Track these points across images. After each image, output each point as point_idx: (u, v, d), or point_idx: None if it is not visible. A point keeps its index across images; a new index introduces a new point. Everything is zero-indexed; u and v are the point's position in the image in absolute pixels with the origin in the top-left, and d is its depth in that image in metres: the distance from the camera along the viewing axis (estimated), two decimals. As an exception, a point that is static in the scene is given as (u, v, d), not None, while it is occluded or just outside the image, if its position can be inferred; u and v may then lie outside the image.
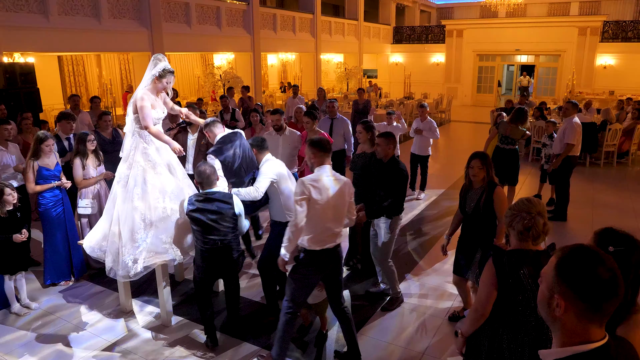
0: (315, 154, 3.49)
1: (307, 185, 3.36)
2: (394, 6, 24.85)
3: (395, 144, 4.49)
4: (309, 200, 3.35)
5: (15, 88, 8.39)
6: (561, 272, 1.36)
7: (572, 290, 1.33)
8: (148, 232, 4.18)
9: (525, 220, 2.41)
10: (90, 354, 3.97)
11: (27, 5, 9.32)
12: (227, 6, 14.48)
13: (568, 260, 1.36)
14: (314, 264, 3.47)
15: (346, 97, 18.17)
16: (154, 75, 4.15)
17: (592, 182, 9.32)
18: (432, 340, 4.12)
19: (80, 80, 15.15)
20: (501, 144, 6.76)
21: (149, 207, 4.21)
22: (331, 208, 3.42)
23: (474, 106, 22.49)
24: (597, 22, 20.12)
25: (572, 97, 17.20)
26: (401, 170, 4.38)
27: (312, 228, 3.41)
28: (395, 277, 4.68)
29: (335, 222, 3.48)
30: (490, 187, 3.84)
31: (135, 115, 4.18)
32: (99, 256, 4.33)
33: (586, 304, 1.32)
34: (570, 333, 1.37)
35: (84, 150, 5.18)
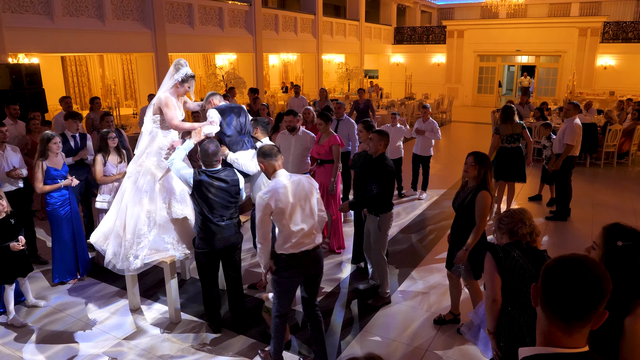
0: (263, 162, 3.50)
1: (265, 198, 3.34)
2: (395, 7, 24.92)
3: (387, 143, 4.57)
4: (272, 212, 3.36)
5: (21, 89, 8.47)
6: (545, 269, 1.41)
7: (542, 283, 1.40)
8: (152, 231, 4.27)
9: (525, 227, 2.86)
10: (100, 350, 4.05)
11: (32, 6, 9.40)
12: (230, 7, 14.55)
13: (556, 260, 1.41)
14: (295, 267, 3.47)
15: (347, 97, 18.23)
16: (176, 80, 4.25)
17: (593, 183, 9.39)
18: (435, 338, 4.19)
19: (83, 80, 15.22)
20: (507, 144, 6.84)
21: (156, 208, 4.30)
22: (297, 210, 3.42)
23: (474, 106, 22.56)
24: (597, 22, 20.17)
25: (572, 97, 17.28)
26: (386, 165, 4.44)
27: (286, 235, 3.41)
28: (387, 275, 4.75)
29: (305, 222, 3.47)
30: (477, 188, 3.84)
31: (156, 116, 4.30)
32: (103, 249, 4.40)
33: (545, 300, 1.38)
34: (539, 330, 1.44)
35: (105, 147, 5.34)
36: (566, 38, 20.49)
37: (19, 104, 7.20)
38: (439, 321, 4.39)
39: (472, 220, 3.87)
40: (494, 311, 2.78)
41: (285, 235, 3.42)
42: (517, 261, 2.74)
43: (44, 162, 4.94)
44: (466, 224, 3.93)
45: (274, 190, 3.37)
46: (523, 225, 2.85)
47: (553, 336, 1.39)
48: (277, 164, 3.52)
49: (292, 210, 3.39)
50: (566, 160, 6.92)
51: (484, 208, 3.80)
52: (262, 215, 3.36)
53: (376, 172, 4.46)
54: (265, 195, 3.36)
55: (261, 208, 3.35)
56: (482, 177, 3.85)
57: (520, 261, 2.74)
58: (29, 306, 4.72)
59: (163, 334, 4.29)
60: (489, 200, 3.82)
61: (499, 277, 2.76)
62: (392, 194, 4.61)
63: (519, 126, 6.79)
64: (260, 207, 3.36)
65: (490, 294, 2.77)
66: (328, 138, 5.91)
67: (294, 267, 3.47)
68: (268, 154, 3.50)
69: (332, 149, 5.85)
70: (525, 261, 2.74)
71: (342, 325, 4.40)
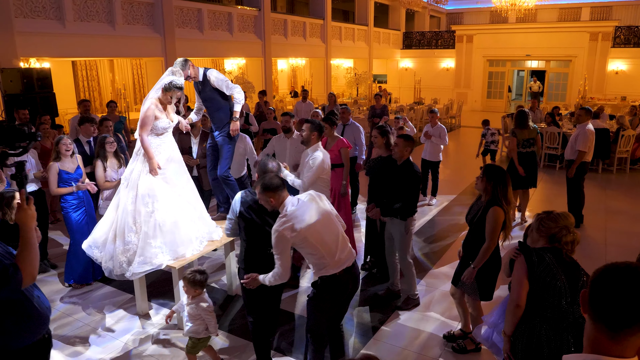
0: (273, 196, 3.13)
1: (285, 233, 3.02)
2: (404, 12, 24.90)
3: (412, 149, 4.57)
4: (295, 245, 3.09)
5: (33, 93, 8.53)
6: (594, 275, 1.37)
7: (590, 290, 1.36)
8: (139, 236, 4.22)
9: (570, 234, 2.72)
10: (107, 355, 4.03)
11: (44, 11, 9.48)
12: (239, 12, 14.61)
13: (606, 268, 1.37)
14: (337, 287, 3.18)
15: (356, 102, 18.22)
16: (161, 87, 4.25)
17: (605, 189, 9.27)
18: (446, 347, 4.13)
19: (93, 85, 15.32)
20: (523, 148, 6.79)
21: (139, 211, 4.25)
22: (321, 230, 3.12)
23: (484, 111, 22.41)
24: (608, 27, 20.02)
25: (583, 102, 17.12)
26: (415, 172, 4.46)
27: (320, 257, 3.12)
28: (414, 277, 4.76)
29: (332, 239, 3.17)
30: (488, 204, 3.66)
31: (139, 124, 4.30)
32: (94, 255, 4.40)
33: (592, 308, 1.35)
34: (586, 337, 1.40)
35: (103, 153, 5.33)
36: (577, 43, 20.34)
37: (29, 108, 7.25)
38: (449, 338, 4.18)
39: (483, 236, 3.69)
40: (515, 316, 2.69)
41: (319, 258, 3.11)
42: (550, 269, 2.63)
43: (57, 164, 4.97)
44: (478, 240, 3.74)
45: (289, 217, 3.06)
46: (567, 233, 2.71)
47: (600, 344, 1.35)
48: (285, 193, 3.20)
49: (314, 231, 3.08)
50: (579, 167, 6.83)
51: (494, 225, 3.60)
52: (282, 249, 3.06)
53: (405, 180, 4.46)
54: (280, 227, 3.04)
55: (279, 242, 3.05)
56: (493, 192, 3.63)
57: (553, 269, 2.63)
58: None
59: (171, 339, 4.26)
60: (500, 217, 3.59)
61: (528, 283, 2.65)
62: (418, 197, 4.64)
63: (534, 131, 6.81)
64: (279, 243, 3.05)
65: (516, 298, 2.67)
66: (335, 142, 5.88)
67: (335, 288, 3.18)
68: (277, 186, 3.14)
69: (342, 152, 5.82)
70: (558, 270, 2.62)
71: (353, 331, 4.35)
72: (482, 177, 3.69)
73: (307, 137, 4.78)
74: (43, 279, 5.28)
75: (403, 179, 4.48)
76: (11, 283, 2.15)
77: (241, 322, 4.50)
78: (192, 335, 3.66)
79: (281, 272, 3.12)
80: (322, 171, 4.66)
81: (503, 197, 3.61)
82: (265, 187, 3.14)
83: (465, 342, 4.07)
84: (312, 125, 4.74)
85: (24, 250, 2.27)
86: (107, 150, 5.33)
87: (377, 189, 4.95)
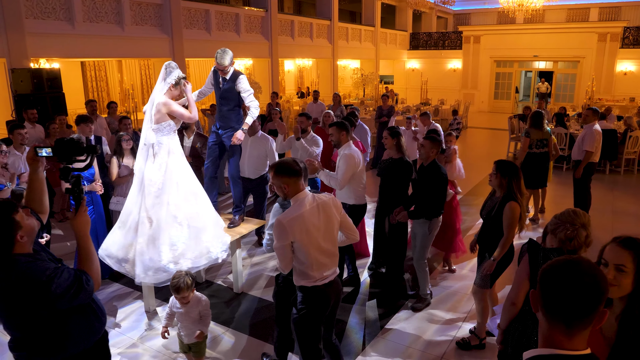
0: (288, 182, 2.88)
1: (287, 226, 2.80)
2: (411, 12, 24.89)
3: (439, 150, 4.62)
4: (294, 243, 2.88)
5: (42, 93, 8.64)
6: (542, 272, 1.44)
7: (540, 287, 1.42)
8: (186, 232, 4.29)
9: (568, 231, 2.48)
10: (115, 351, 4.07)
11: (54, 12, 9.59)
12: (246, 13, 14.69)
13: (551, 264, 1.43)
14: (320, 300, 3.03)
15: (362, 103, 18.23)
16: (169, 83, 4.26)
17: (612, 190, 9.23)
18: (450, 345, 4.14)
19: (102, 85, 15.47)
20: (537, 148, 6.81)
21: (179, 207, 4.28)
22: (322, 239, 2.94)
23: (491, 112, 22.38)
24: (617, 27, 19.91)
25: (591, 103, 17.04)
26: (441, 173, 4.51)
27: (307, 267, 2.94)
28: (428, 278, 4.78)
29: (328, 252, 3.00)
30: (504, 199, 3.75)
31: (159, 125, 4.22)
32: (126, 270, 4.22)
33: (545, 305, 1.40)
34: (541, 334, 1.45)
35: (120, 150, 5.46)
36: (585, 43, 20.25)
37: (38, 108, 7.35)
38: (464, 345, 4.09)
39: (500, 230, 3.79)
40: (510, 313, 2.67)
41: (306, 267, 2.94)
42: None
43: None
44: (495, 234, 3.84)
45: (299, 216, 2.85)
46: (566, 230, 2.50)
47: (555, 339, 1.41)
48: (302, 184, 2.95)
49: (317, 240, 2.91)
50: (586, 167, 6.82)
51: (512, 219, 3.70)
52: (283, 243, 2.85)
53: (431, 178, 4.51)
54: (286, 220, 2.82)
55: (282, 235, 2.83)
56: (508, 187, 3.73)
57: None
58: None
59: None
60: (517, 211, 3.69)
61: (528, 284, 2.57)
62: (445, 198, 4.72)
63: (548, 133, 6.85)
64: (281, 234, 2.83)
65: (513, 297, 2.64)
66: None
67: (317, 301, 3.02)
68: (294, 171, 2.89)
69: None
70: None
71: (358, 329, 4.38)
72: (496, 173, 3.77)
73: (337, 138, 4.80)
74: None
75: (429, 179, 4.52)
76: (87, 291, 2.19)
77: (246, 320, 4.54)
78: (195, 340, 3.60)
79: (280, 266, 3.02)
80: (355, 167, 4.68)
81: (518, 191, 3.72)
82: (280, 168, 2.89)
83: (469, 337, 4.12)
84: (337, 127, 4.79)
85: (87, 258, 2.31)
86: (123, 147, 5.47)
87: (388, 191, 4.98)
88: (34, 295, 2.07)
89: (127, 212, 4.35)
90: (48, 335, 2.22)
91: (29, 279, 2.07)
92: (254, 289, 5.19)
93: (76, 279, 2.16)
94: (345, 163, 4.65)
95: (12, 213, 2.12)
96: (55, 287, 2.07)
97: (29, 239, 2.19)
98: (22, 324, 2.18)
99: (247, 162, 5.94)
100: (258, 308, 4.78)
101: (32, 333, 2.19)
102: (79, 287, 2.15)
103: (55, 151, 2.36)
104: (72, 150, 2.39)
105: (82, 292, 2.17)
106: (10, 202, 2.18)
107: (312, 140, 5.94)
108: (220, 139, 5.08)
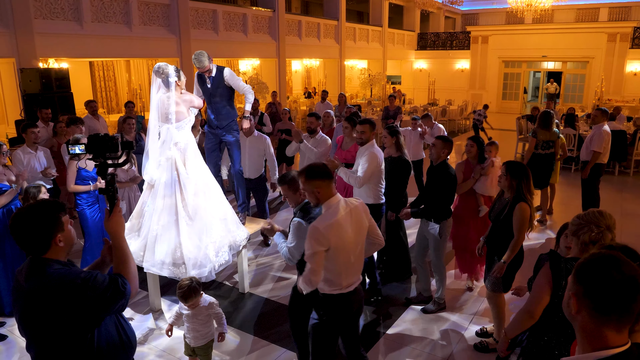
0: (320, 185, 2.79)
1: (325, 233, 2.69)
2: (419, 12, 24.82)
3: (450, 151, 4.57)
4: (328, 249, 2.74)
5: (51, 92, 8.69)
6: (578, 272, 1.40)
7: (583, 288, 1.37)
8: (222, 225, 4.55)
9: (593, 233, 2.34)
10: (121, 350, 4.09)
11: (62, 13, 9.66)
12: (254, 13, 14.71)
13: (587, 261, 1.40)
14: (343, 308, 2.94)
15: (370, 103, 18.21)
16: (174, 81, 4.28)
17: (621, 192, 9.14)
18: (456, 347, 4.12)
19: (110, 85, 15.56)
20: (542, 150, 6.78)
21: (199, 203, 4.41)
22: (353, 246, 2.86)
23: (499, 113, 22.23)
24: (627, 28, 19.73)
25: (601, 104, 16.89)
26: (450, 174, 4.44)
27: (336, 275, 2.85)
28: (445, 281, 4.70)
29: (358, 259, 2.94)
30: (514, 200, 3.69)
31: (180, 123, 4.28)
32: (176, 273, 4.20)
33: (593, 302, 1.35)
34: (587, 336, 1.40)
35: None
36: (594, 44, 20.08)
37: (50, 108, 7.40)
38: (482, 348, 4.04)
39: (510, 232, 3.71)
40: (524, 325, 2.51)
41: (335, 275, 2.85)
42: None
43: (76, 162, 5.07)
44: (504, 236, 3.76)
45: (335, 222, 2.74)
46: (591, 232, 2.35)
47: (607, 337, 1.37)
48: (334, 187, 2.87)
49: (348, 246, 2.82)
50: (594, 168, 6.76)
51: (522, 221, 3.62)
52: (319, 250, 2.69)
53: (440, 179, 4.45)
54: (323, 226, 2.70)
55: (318, 242, 2.69)
56: (517, 188, 3.66)
57: None
58: None
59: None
60: (527, 212, 3.62)
61: (548, 298, 2.41)
62: (453, 199, 4.66)
63: (556, 134, 6.81)
64: (318, 241, 2.69)
65: (532, 309, 2.46)
66: (353, 143, 5.83)
67: (341, 309, 2.93)
68: (327, 174, 2.81)
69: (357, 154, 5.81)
70: None
71: (364, 330, 4.36)
72: (505, 175, 3.71)
73: (368, 137, 4.73)
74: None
75: (438, 180, 4.45)
76: (124, 295, 2.04)
77: (252, 320, 4.54)
78: (202, 342, 3.60)
79: (311, 278, 2.74)
80: (377, 167, 4.67)
81: (528, 192, 3.66)
82: (311, 172, 2.79)
83: (488, 340, 4.07)
84: (371, 125, 4.80)
85: (124, 260, 2.18)
86: None
87: (385, 188, 4.96)
88: (69, 301, 1.90)
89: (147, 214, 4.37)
90: (73, 352, 2.00)
91: (63, 282, 1.92)
92: (259, 288, 5.19)
93: (112, 282, 2.01)
94: (367, 161, 4.61)
95: (60, 212, 2.02)
96: (92, 290, 1.93)
97: (65, 247, 2.05)
98: (49, 340, 1.96)
99: (248, 163, 5.99)
100: (264, 308, 4.78)
101: (59, 351, 1.98)
102: (115, 290, 2.00)
103: (89, 148, 2.28)
104: (105, 147, 2.29)
105: (119, 296, 2.01)
106: (60, 202, 2.08)
107: (321, 141, 5.92)
108: (219, 139, 5.16)
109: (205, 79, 4.99)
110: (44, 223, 1.98)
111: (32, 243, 1.98)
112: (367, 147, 4.75)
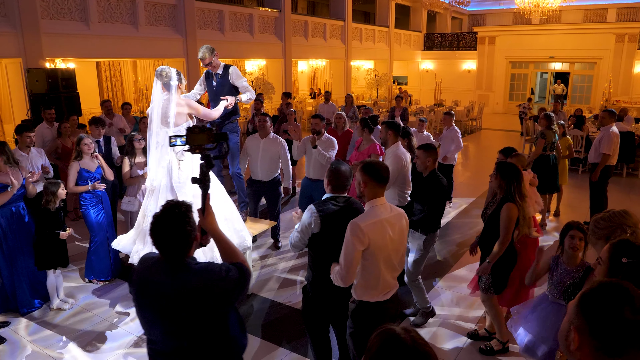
0: (368, 183, 2.75)
1: (366, 230, 2.62)
2: (425, 13, 24.74)
3: (435, 159, 4.30)
4: (367, 249, 2.67)
5: (57, 92, 8.73)
6: (582, 304, 1.26)
7: (588, 324, 1.23)
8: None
9: (628, 234, 2.29)
10: (124, 350, 4.09)
11: (69, 13, 9.70)
12: (260, 13, 14.71)
13: (593, 293, 1.27)
14: (380, 315, 2.84)
15: (376, 103, 18.16)
16: (175, 84, 4.25)
17: (629, 194, 9.05)
18: (461, 350, 4.08)
19: (116, 85, 15.60)
20: (551, 151, 6.78)
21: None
22: (393, 252, 2.79)
23: (505, 114, 22.14)
24: (635, 28, 19.56)
25: (608, 105, 16.76)
26: (440, 185, 4.22)
27: (375, 279, 2.78)
28: (424, 292, 4.48)
29: (395, 266, 2.84)
30: (502, 201, 3.68)
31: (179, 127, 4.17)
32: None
33: (600, 343, 1.21)
34: None
35: (131, 150, 5.48)
36: (602, 44, 19.93)
37: (54, 107, 7.42)
38: (487, 351, 3.98)
39: (497, 232, 3.70)
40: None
41: (373, 280, 2.77)
42: None
43: (78, 163, 5.09)
44: (492, 236, 3.76)
45: (378, 221, 2.68)
46: (622, 232, 2.31)
47: None
48: (383, 193, 2.81)
49: (389, 251, 2.76)
50: (602, 170, 6.69)
51: (507, 220, 3.61)
52: (356, 249, 2.62)
53: (429, 192, 4.25)
54: (365, 224, 2.64)
55: (357, 239, 2.61)
56: (507, 188, 3.66)
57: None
58: (55, 309, 4.77)
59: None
60: (514, 213, 3.61)
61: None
62: (443, 212, 4.51)
63: (554, 135, 6.81)
64: (358, 237, 2.62)
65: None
66: (368, 146, 5.68)
67: (378, 317, 2.83)
68: (383, 178, 2.76)
69: (370, 157, 5.72)
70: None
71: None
72: (495, 175, 3.73)
73: (384, 137, 4.82)
74: (64, 274, 5.38)
75: (429, 191, 4.25)
76: (248, 279, 2.17)
77: (257, 322, 4.52)
78: None
79: (343, 275, 2.70)
80: (402, 169, 4.61)
81: (517, 193, 3.63)
82: (368, 167, 2.76)
83: (492, 342, 4.02)
84: (386, 126, 4.81)
85: (233, 250, 2.27)
86: (135, 147, 5.47)
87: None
88: (217, 294, 2.04)
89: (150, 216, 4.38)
90: (216, 341, 2.14)
91: (209, 274, 2.05)
92: (264, 290, 5.17)
93: (239, 268, 2.13)
94: (391, 164, 4.54)
95: (191, 212, 2.10)
96: (231, 278, 2.07)
97: (197, 242, 2.17)
98: (201, 328, 2.08)
99: (260, 165, 5.88)
100: (269, 310, 4.76)
101: (208, 338, 2.12)
102: (242, 275, 2.12)
103: (188, 140, 2.40)
104: (203, 138, 2.39)
105: (248, 280, 2.16)
106: (187, 203, 2.13)
107: (328, 142, 5.87)
108: None
109: (212, 76, 5.03)
110: (190, 225, 2.07)
111: (182, 245, 2.06)
112: (391, 149, 4.71)
